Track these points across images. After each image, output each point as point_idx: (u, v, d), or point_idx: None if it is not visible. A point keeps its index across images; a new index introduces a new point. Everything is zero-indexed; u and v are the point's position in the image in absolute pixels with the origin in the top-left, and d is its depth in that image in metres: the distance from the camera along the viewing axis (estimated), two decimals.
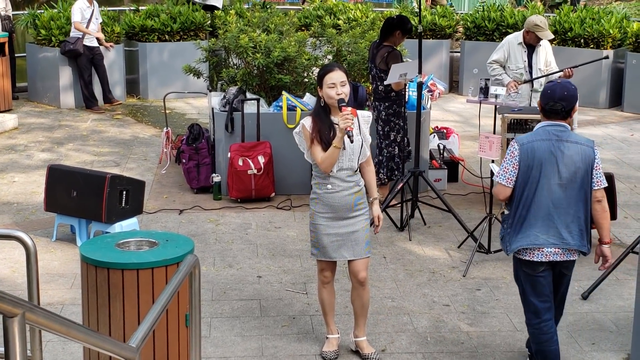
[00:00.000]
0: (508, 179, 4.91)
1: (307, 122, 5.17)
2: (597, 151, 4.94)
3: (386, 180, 8.26)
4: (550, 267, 4.97)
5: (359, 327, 5.44)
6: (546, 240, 4.87)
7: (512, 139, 8.08)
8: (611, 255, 5.10)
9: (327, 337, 5.49)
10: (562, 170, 4.84)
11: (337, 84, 5.04)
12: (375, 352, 5.40)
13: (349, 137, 4.94)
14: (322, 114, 5.15)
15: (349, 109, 4.97)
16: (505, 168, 4.92)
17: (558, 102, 4.90)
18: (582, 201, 4.90)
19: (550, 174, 4.84)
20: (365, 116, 5.24)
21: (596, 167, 4.92)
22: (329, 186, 5.14)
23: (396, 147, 8.18)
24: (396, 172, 8.22)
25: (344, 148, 5.06)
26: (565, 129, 4.92)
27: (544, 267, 4.94)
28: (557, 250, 4.90)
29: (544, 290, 4.99)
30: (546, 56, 8.74)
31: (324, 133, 5.10)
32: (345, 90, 5.05)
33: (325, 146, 5.07)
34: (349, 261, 5.28)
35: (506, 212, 5.10)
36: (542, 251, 4.89)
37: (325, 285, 5.37)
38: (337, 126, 5.04)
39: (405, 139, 8.24)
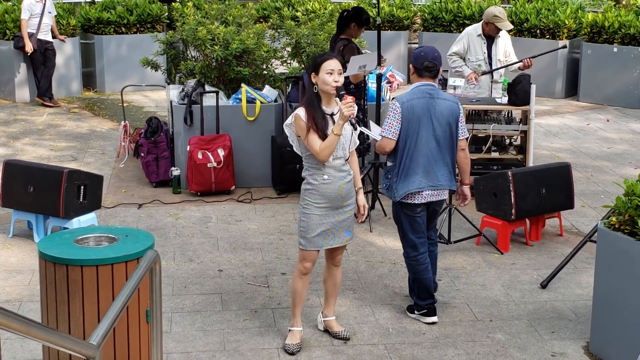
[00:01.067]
0: (393, 133, 5.66)
1: (302, 112, 5.17)
2: (460, 107, 5.86)
3: None
4: (425, 207, 5.80)
5: (329, 307, 5.56)
6: (426, 184, 5.69)
7: (472, 129, 8.20)
8: (470, 195, 6.00)
9: (290, 330, 5.49)
10: (435, 124, 5.68)
11: (335, 72, 5.11)
12: (345, 330, 5.53)
13: (352, 124, 5.04)
14: (315, 102, 5.19)
15: (349, 97, 5.04)
16: (390, 124, 5.67)
17: (431, 62, 5.70)
18: (450, 149, 5.77)
19: (427, 127, 5.67)
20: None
21: (461, 120, 5.82)
22: (325, 177, 5.18)
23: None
24: None
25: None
26: (434, 87, 5.76)
27: (421, 208, 5.77)
28: (433, 192, 5.74)
29: (420, 228, 5.80)
30: (505, 47, 8.81)
31: (319, 121, 5.12)
32: (341, 80, 5.13)
33: (322, 135, 5.09)
34: (333, 249, 5.40)
35: (389, 164, 5.85)
36: (422, 194, 5.70)
37: (303, 276, 5.38)
38: (328, 115, 5.13)
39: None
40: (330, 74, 5.11)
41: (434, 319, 5.81)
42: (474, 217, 7.56)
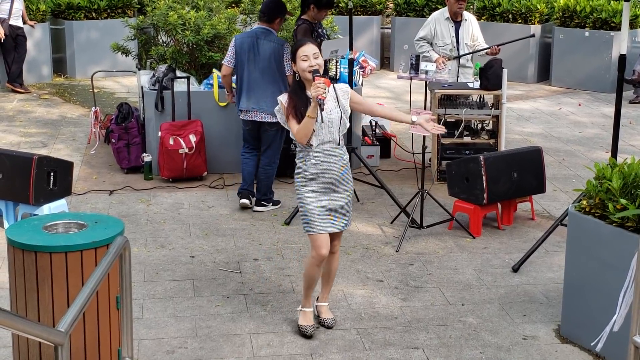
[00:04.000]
0: (229, 61, 7.50)
1: (284, 98, 5.22)
2: (286, 47, 7.31)
3: None
4: (253, 125, 7.48)
5: (323, 293, 5.56)
6: (248, 106, 7.40)
7: (444, 113, 8.21)
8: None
9: (302, 310, 5.45)
10: (256, 60, 7.35)
11: (310, 56, 5.09)
12: (331, 319, 5.50)
13: (319, 105, 4.96)
14: (298, 89, 5.19)
15: (322, 78, 5.00)
16: (228, 54, 7.51)
17: (263, 10, 7.44)
18: (273, 82, 7.31)
19: (250, 62, 7.37)
20: (343, 88, 5.28)
21: (286, 60, 7.29)
22: (313, 161, 5.16)
23: None
24: None
25: (322, 121, 5.07)
26: (267, 30, 7.43)
27: (249, 127, 7.53)
28: (256, 113, 7.39)
29: (249, 139, 7.64)
30: (472, 31, 8.79)
31: (299, 108, 5.12)
32: (319, 62, 5.11)
33: (301, 120, 5.09)
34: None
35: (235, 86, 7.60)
36: (246, 113, 7.43)
37: (319, 264, 5.29)
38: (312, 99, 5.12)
39: None
40: (305, 59, 5.10)
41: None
42: (446, 201, 7.57)
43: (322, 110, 5.01)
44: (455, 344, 5.35)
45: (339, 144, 5.20)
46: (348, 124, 5.27)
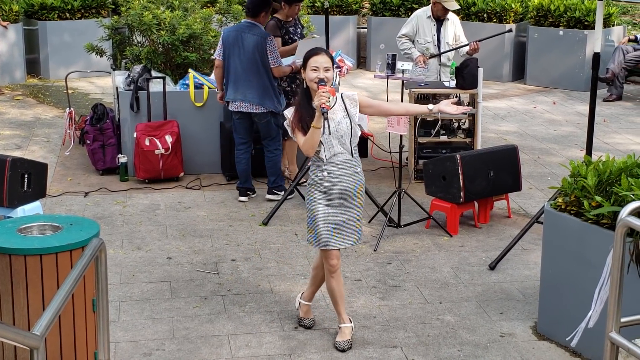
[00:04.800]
0: (218, 54, 7.73)
1: (289, 112, 5.08)
2: (269, 40, 7.55)
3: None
4: (243, 116, 7.73)
5: (310, 292, 5.46)
6: (235, 97, 7.65)
7: None
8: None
9: (339, 327, 5.32)
10: (241, 53, 7.57)
11: (321, 68, 4.94)
12: (346, 342, 5.23)
13: (322, 114, 4.79)
14: (304, 100, 5.03)
15: (327, 87, 4.87)
16: (218, 48, 7.74)
17: (248, 5, 7.69)
18: (257, 74, 7.58)
19: (235, 55, 7.61)
20: (351, 96, 5.12)
21: (270, 52, 7.53)
22: (325, 173, 5.02)
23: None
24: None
25: (329, 132, 4.92)
26: (252, 24, 7.64)
27: (238, 116, 7.75)
28: (242, 104, 7.64)
29: (240, 129, 7.84)
30: (455, 30, 8.82)
31: (305, 119, 4.96)
32: (328, 76, 4.94)
33: (307, 131, 4.94)
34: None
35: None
36: (234, 104, 7.68)
37: (333, 274, 5.20)
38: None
39: None
40: (315, 70, 4.96)
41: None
42: (423, 200, 7.59)
43: (325, 119, 4.82)
44: (434, 342, 5.36)
45: (352, 155, 5.05)
46: (359, 133, 5.10)
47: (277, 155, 7.87)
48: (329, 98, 4.83)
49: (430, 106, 5.27)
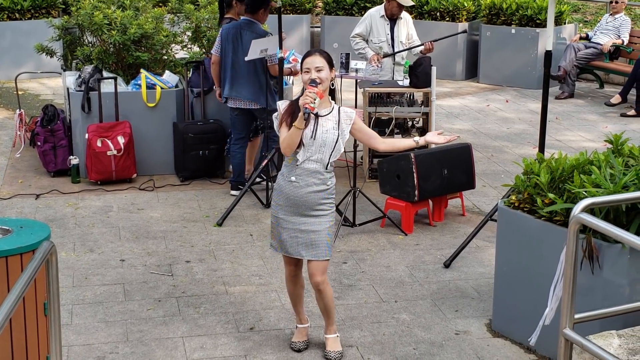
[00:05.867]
0: (216, 50, 7.83)
1: (283, 104, 4.97)
2: (269, 35, 7.66)
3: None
4: (241, 112, 7.86)
5: (327, 326, 5.24)
6: (231, 93, 7.78)
7: (374, 112, 8.23)
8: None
9: (296, 327, 5.30)
10: (239, 50, 7.67)
11: (312, 69, 4.83)
12: (337, 352, 5.15)
13: (304, 114, 4.69)
14: (299, 99, 4.89)
15: (316, 89, 4.76)
16: (215, 44, 7.84)
17: (248, 2, 7.73)
18: (257, 71, 7.69)
19: (235, 50, 7.70)
20: (348, 112, 4.98)
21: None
22: (293, 178, 4.90)
23: None
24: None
25: (314, 137, 4.84)
26: (251, 22, 7.73)
27: (236, 112, 7.88)
28: (240, 101, 7.78)
29: (237, 125, 7.97)
30: (408, 29, 8.85)
31: (295, 118, 4.83)
32: (321, 76, 4.82)
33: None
34: (308, 261, 5.05)
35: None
36: (232, 100, 7.82)
37: (292, 278, 5.14)
38: (313, 115, 4.82)
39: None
40: (307, 72, 4.84)
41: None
42: (378, 199, 7.60)
43: (306, 120, 4.73)
44: (389, 341, 5.36)
45: (326, 168, 4.93)
46: (342, 150, 4.99)
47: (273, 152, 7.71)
48: (314, 100, 4.73)
49: (417, 138, 5.13)
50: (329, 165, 4.95)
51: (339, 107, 5.00)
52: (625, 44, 12.39)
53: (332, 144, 4.90)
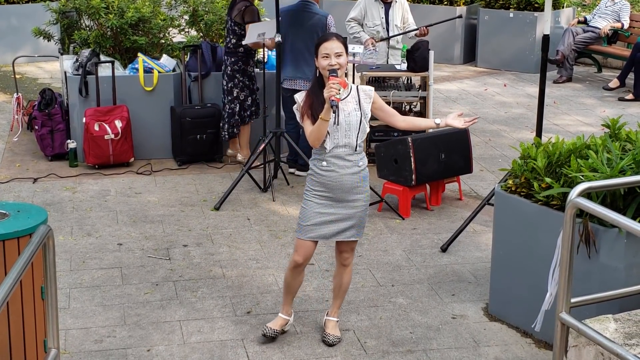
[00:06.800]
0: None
1: (300, 96, 4.92)
2: (329, 19, 7.82)
3: (227, 136, 8.26)
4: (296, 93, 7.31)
5: (333, 307, 5.23)
6: (294, 75, 7.89)
7: None
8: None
9: (279, 315, 5.22)
10: (300, 30, 7.77)
11: (332, 55, 4.76)
12: (336, 337, 5.15)
13: (331, 107, 4.63)
14: (317, 87, 4.85)
15: (338, 79, 4.70)
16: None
17: None
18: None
19: (295, 32, 7.82)
20: (367, 90, 4.95)
21: (329, 27, 7.74)
22: (324, 163, 4.85)
23: (238, 105, 8.14)
24: (235, 130, 8.24)
25: (337, 123, 4.79)
26: (309, 3, 7.88)
27: (290, 93, 7.50)
28: (298, 80, 7.86)
29: (290, 106, 7.00)
30: (403, 13, 8.82)
31: (316, 108, 4.79)
32: (340, 62, 4.77)
33: (315, 121, 4.77)
34: (337, 241, 5.05)
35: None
36: (292, 82, 7.89)
37: (294, 269, 5.05)
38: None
39: (250, 98, 8.19)
40: (326, 57, 4.77)
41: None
42: (376, 183, 7.59)
43: (334, 112, 4.69)
44: (386, 325, 5.38)
45: (355, 150, 4.87)
46: (368, 129, 4.95)
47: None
48: (339, 90, 4.67)
49: (438, 120, 5.08)
50: (358, 146, 4.90)
51: (357, 86, 4.97)
52: (625, 27, 12.37)
53: (356, 126, 4.86)
